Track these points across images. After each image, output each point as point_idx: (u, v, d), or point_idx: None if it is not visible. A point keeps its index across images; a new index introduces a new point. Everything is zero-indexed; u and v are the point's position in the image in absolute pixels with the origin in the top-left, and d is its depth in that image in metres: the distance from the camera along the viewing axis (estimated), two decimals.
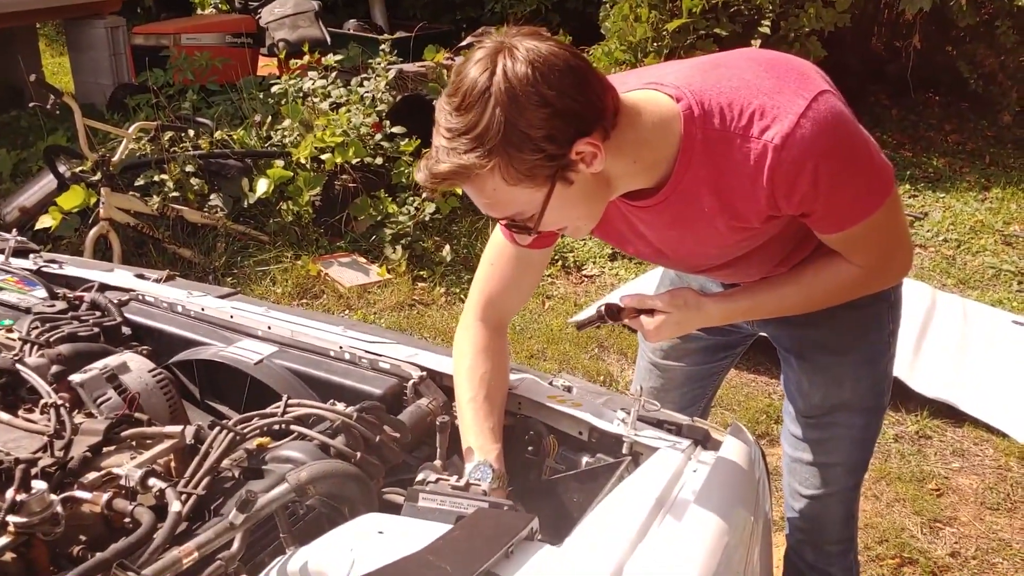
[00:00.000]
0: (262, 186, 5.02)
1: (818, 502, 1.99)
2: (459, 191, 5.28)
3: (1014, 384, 3.88)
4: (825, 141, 1.37)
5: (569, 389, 1.83)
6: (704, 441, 1.65)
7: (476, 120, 1.27)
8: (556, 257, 5.24)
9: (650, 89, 1.46)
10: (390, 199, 5.25)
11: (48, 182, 4.87)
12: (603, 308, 1.66)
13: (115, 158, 4.60)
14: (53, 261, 2.48)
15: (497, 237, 1.74)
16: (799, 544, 2.08)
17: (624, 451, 1.63)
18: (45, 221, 4.57)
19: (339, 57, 6.37)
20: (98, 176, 4.53)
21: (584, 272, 5.22)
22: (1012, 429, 3.57)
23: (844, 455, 1.95)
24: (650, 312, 1.66)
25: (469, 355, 1.71)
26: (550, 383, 1.85)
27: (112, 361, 1.73)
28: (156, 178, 4.94)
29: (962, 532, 3.04)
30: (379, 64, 6.15)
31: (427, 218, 5.19)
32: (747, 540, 1.44)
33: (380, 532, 1.23)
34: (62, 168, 4.75)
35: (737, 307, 1.71)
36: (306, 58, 6.18)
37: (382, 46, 6.35)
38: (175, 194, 4.94)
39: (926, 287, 4.74)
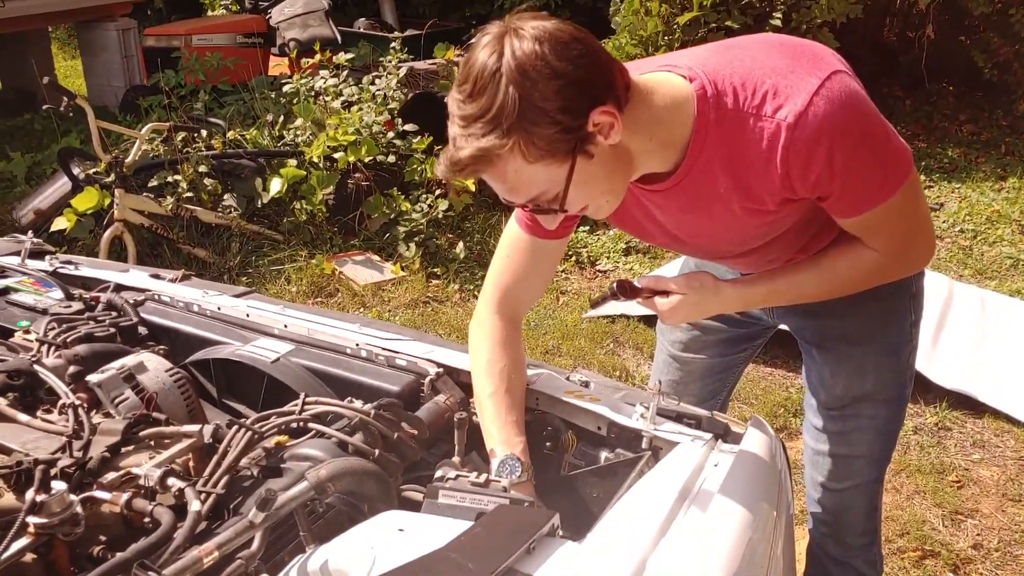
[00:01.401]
0: (275, 185, 5.03)
1: (841, 495, 1.98)
2: (472, 187, 5.29)
3: None
4: (839, 120, 1.35)
5: (586, 384, 1.82)
6: (724, 435, 1.63)
7: (490, 102, 1.26)
8: (570, 252, 5.23)
9: (663, 71, 1.46)
10: (403, 197, 5.25)
11: (62, 184, 4.89)
12: (615, 285, 1.63)
13: (128, 159, 4.61)
14: (69, 262, 2.48)
15: (512, 228, 1.73)
16: (822, 537, 2.06)
17: (643, 446, 1.61)
18: (60, 223, 4.59)
19: (350, 56, 6.38)
20: (112, 178, 4.55)
21: (598, 267, 5.20)
22: None
23: (866, 447, 1.93)
24: (665, 294, 1.64)
25: (487, 349, 1.70)
26: (567, 378, 1.84)
27: (129, 361, 1.73)
28: (169, 179, 4.96)
29: (984, 524, 3.02)
30: (390, 62, 6.14)
31: (440, 215, 5.19)
32: (770, 534, 1.43)
33: (401, 529, 1.22)
34: (76, 170, 4.78)
35: (755, 292, 1.69)
36: (317, 57, 6.19)
37: (392, 44, 6.35)
38: (189, 194, 4.96)
39: (943, 278, 4.70)
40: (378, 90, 5.86)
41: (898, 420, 1.96)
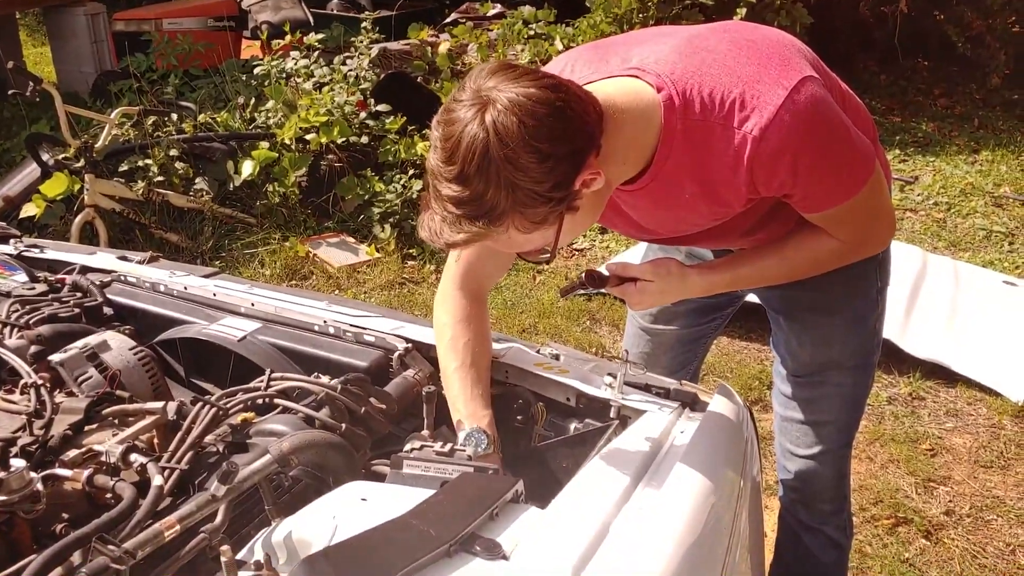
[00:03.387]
0: (247, 168, 4.98)
1: (810, 461, 2.00)
2: None
3: (1006, 343, 3.87)
4: (804, 132, 1.39)
5: (557, 357, 1.82)
6: (692, 403, 1.64)
7: (482, 190, 1.24)
8: None
9: (630, 76, 1.45)
10: (377, 178, 5.21)
11: (32, 171, 4.83)
12: (583, 275, 1.66)
13: (98, 144, 4.56)
14: (34, 246, 2.45)
15: None
16: (792, 504, 2.08)
17: (612, 415, 1.62)
18: (29, 209, 4.55)
19: (321, 36, 6.32)
20: (82, 163, 4.49)
21: (574, 246, 5.20)
22: (1004, 388, 3.56)
23: (834, 413, 1.95)
24: (634, 281, 1.66)
25: (450, 325, 1.70)
26: (537, 351, 1.83)
27: (92, 340, 1.71)
28: (140, 163, 4.91)
29: (956, 491, 3.05)
30: (362, 42, 6.10)
31: (415, 195, 5.15)
32: (735, 498, 1.43)
33: (363, 499, 1.22)
34: (45, 156, 4.71)
35: (720, 278, 1.73)
36: (288, 38, 6.13)
37: (364, 23, 6.30)
38: (160, 179, 4.91)
39: (917, 250, 4.73)
40: (350, 70, 5.81)
41: (866, 386, 1.98)
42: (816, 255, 1.65)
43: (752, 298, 2.10)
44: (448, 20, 8.24)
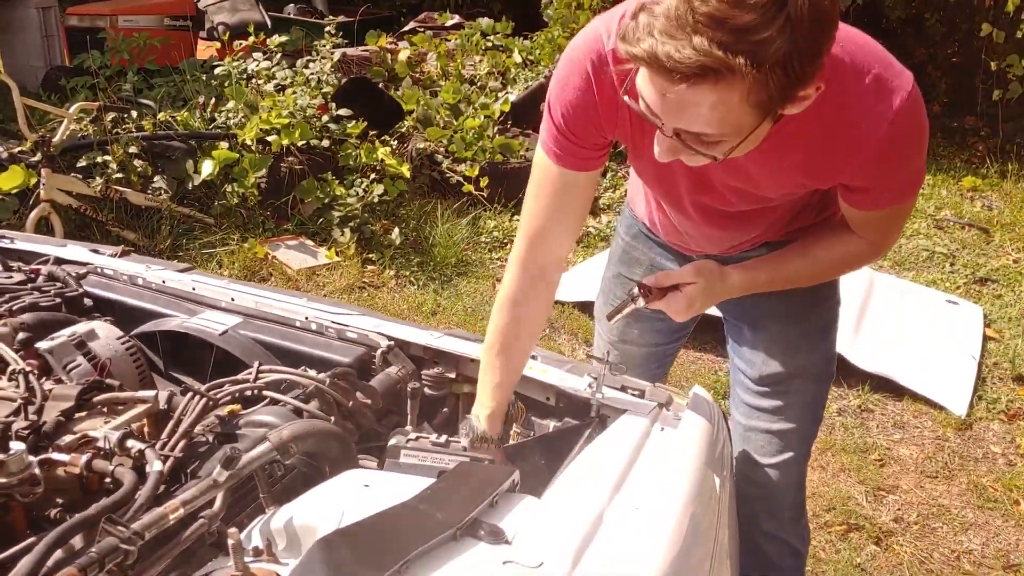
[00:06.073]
0: (207, 168, 4.94)
1: (775, 469, 2.00)
2: (407, 173, 5.29)
3: (949, 359, 4.02)
4: (923, 122, 1.40)
5: (534, 357, 1.86)
6: (667, 404, 1.69)
7: (757, 22, 1.08)
8: (510, 245, 5.26)
9: None
10: (337, 181, 5.20)
11: None
12: (635, 289, 1.62)
13: (56, 139, 4.49)
14: (3, 236, 2.43)
15: (542, 164, 1.60)
16: (755, 512, 2.06)
17: (591, 414, 1.66)
18: None
19: (283, 39, 6.31)
20: (38, 157, 4.43)
21: None
22: (948, 402, 3.70)
23: (797, 421, 1.97)
24: (675, 288, 1.64)
25: (497, 306, 1.66)
26: None
27: (80, 328, 1.71)
28: (99, 160, 4.84)
29: (904, 499, 3.15)
30: (324, 46, 6.10)
31: (375, 200, 5.16)
32: (717, 491, 1.49)
33: (366, 485, 1.24)
34: None
35: (757, 277, 1.71)
36: (251, 39, 6.10)
37: (327, 28, 6.30)
38: (118, 176, 4.84)
39: (864, 268, 4.86)
40: (312, 74, 5.81)
41: (825, 396, 2.02)
42: (841, 257, 1.68)
43: (713, 311, 2.11)
44: (407, 28, 8.26)
